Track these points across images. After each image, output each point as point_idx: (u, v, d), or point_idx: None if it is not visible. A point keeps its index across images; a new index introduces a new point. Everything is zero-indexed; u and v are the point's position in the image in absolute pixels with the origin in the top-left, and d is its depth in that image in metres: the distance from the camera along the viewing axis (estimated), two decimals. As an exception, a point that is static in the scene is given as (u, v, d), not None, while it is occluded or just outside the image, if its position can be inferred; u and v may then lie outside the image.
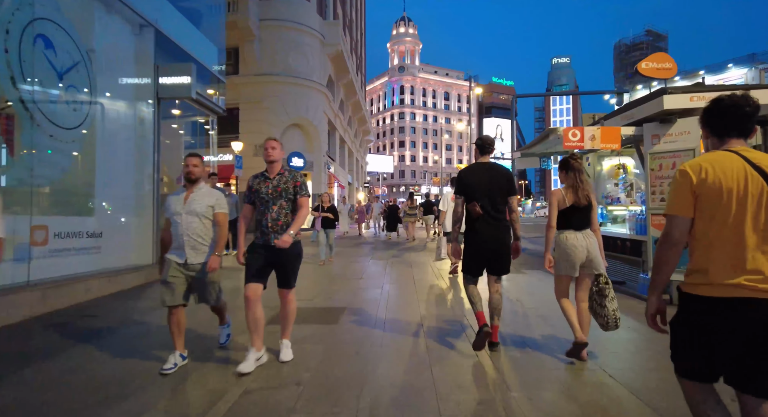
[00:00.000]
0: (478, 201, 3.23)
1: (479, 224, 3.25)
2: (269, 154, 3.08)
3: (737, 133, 1.56)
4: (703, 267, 1.50)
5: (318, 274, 7.19)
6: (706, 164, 1.50)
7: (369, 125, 38.81)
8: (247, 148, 18.63)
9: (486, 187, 3.26)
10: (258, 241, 3.07)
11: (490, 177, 3.29)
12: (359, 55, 35.56)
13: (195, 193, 3.11)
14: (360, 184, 39.05)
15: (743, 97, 1.53)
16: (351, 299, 5.36)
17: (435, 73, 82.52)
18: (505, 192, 3.28)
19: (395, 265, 8.22)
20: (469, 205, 3.30)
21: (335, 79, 24.38)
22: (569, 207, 3.10)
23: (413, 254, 10.13)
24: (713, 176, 1.46)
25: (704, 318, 1.49)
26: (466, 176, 3.36)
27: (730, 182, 1.45)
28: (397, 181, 75.30)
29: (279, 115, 18.89)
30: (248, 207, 3.17)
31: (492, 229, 3.23)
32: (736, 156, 1.49)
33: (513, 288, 6.04)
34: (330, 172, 22.94)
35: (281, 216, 3.03)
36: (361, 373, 2.98)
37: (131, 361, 3.16)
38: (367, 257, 9.68)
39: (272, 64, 18.91)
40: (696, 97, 4.80)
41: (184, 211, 3.03)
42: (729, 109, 1.55)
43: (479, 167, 3.39)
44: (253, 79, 18.75)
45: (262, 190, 3.05)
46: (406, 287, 6.19)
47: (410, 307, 4.94)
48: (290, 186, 3.06)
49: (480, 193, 3.25)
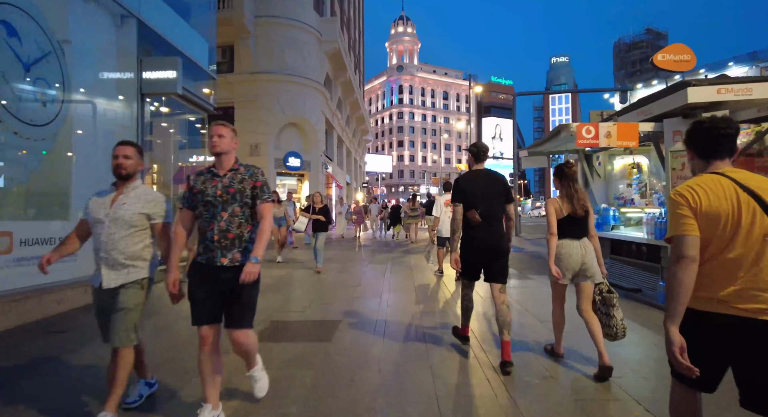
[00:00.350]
0: (477, 208, 3.23)
1: (476, 231, 3.26)
2: (215, 143, 2.31)
3: (722, 154, 1.63)
4: (698, 284, 1.53)
5: (311, 282, 6.76)
6: (699, 188, 1.55)
7: (367, 124, 38.36)
8: (243, 147, 18.20)
9: (483, 194, 3.28)
10: (200, 259, 2.29)
11: (488, 184, 3.32)
12: (357, 53, 35.13)
13: (126, 194, 2.40)
14: (359, 184, 38.62)
15: (725, 120, 1.62)
16: (347, 310, 4.92)
17: (434, 72, 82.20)
18: (502, 199, 3.31)
19: (395, 271, 7.79)
20: (468, 213, 3.27)
21: (333, 78, 23.94)
22: (566, 216, 3.07)
23: (414, 258, 9.72)
24: (707, 200, 1.52)
25: (698, 330, 1.55)
26: (465, 184, 3.36)
27: (724, 204, 1.50)
28: (396, 182, 74.89)
29: (275, 113, 18.44)
30: (187, 213, 2.36)
31: (489, 235, 3.25)
32: (725, 178, 1.55)
33: (521, 295, 5.61)
34: (328, 172, 22.51)
35: (233, 226, 2.27)
36: (356, 405, 2.55)
37: (91, 394, 2.71)
38: (364, 261, 9.25)
39: (268, 62, 18.46)
40: (724, 89, 4.38)
41: (108, 217, 2.32)
42: (711, 131, 1.62)
43: (476, 174, 3.42)
44: (248, 77, 18.31)
45: (208, 191, 2.28)
46: (407, 296, 5.76)
47: (412, 319, 4.51)
48: (247, 187, 2.32)
49: (478, 200, 3.26)
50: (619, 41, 57.73)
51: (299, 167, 19.40)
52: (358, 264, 8.87)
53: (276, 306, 5.12)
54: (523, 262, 9.01)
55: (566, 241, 3.07)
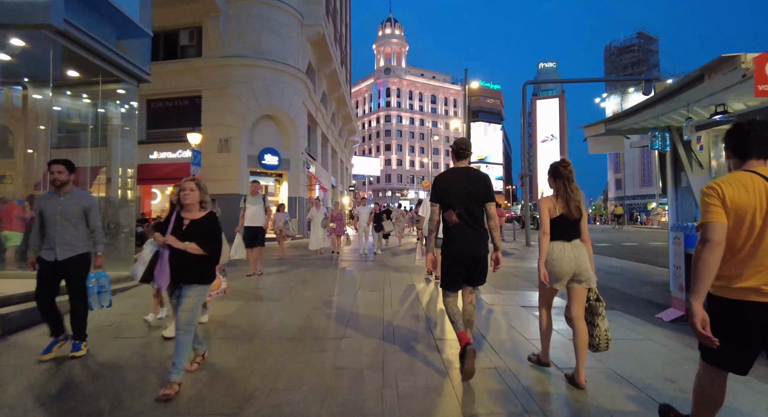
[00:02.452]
0: (455, 208, 3.08)
1: (456, 232, 3.10)
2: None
3: (757, 155, 1.80)
4: (731, 274, 1.74)
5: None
6: (727, 182, 1.74)
7: (355, 124, 36.12)
8: (210, 141, 15.78)
9: (463, 194, 3.10)
10: None
11: (467, 182, 3.12)
12: (344, 49, 32.93)
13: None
14: (345, 187, 36.29)
15: (763, 123, 1.80)
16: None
17: (422, 75, 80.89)
18: (483, 198, 3.11)
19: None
20: (445, 214, 3.12)
21: (317, 68, 21.68)
22: (558, 216, 2.91)
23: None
24: (732, 191, 1.71)
25: (730, 317, 1.74)
26: (442, 182, 3.18)
27: (753, 200, 1.69)
28: (384, 186, 72.77)
29: (248, 103, 16.06)
30: None
31: (469, 237, 3.07)
32: (757, 176, 1.73)
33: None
34: (310, 173, 20.13)
35: None
36: None
37: None
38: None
39: (241, 44, 16.12)
40: None
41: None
42: (749, 134, 1.80)
43: (455, 172, 3.21)
44: (217, 62, 15.92)
45: None
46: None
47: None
48: None
49: (456, 199, 3.09)
50: (610, 45, 56.92)
51: (277, 166, 17.01)
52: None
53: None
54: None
55: (557, 244, 2.91)
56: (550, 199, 2.96)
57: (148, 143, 16.86)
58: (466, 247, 3.04)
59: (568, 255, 2.84)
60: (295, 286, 6.51)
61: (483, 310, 4.97)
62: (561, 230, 2.91)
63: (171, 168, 15.99)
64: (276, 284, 6.64)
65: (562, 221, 2.90)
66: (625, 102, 55.83)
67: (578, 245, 2.91)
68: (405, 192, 71.00)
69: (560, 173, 2.96)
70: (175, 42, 17.01)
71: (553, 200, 2.94)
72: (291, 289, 6.28)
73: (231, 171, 15.74)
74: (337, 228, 11.45)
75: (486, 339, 3.88)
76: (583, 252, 2.89)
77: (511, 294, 5.96)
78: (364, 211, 11.64)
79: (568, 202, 2.88)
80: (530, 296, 5.80)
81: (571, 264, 2.83)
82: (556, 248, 2.88)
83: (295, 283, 6.77)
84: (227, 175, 15.68)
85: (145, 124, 17.00)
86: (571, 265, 2.83)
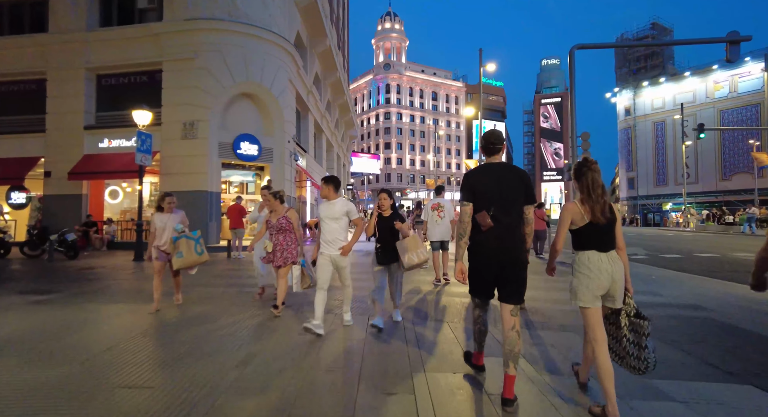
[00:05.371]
0: (489, 210, 2.64)
1: (486, 237, 2.63)
2: None
3: None
4: None
5: None
6: None
7: (353, 116, 32.98)
8: (172, 125, 12.60)
9: (497, 193, 2.65)
10: None
11: (504, 180, 2.67)
12: (341, 35, 29.81)
13: None
14: (343, 186, 33.16)
15: None
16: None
17: (422, 71, 77.98)
18: (521, 199, 2.67)
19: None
20: (477, 216, 2.66)
21: (308, 44, 18.54)
22: (588, 224, 2.54)
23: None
24: None
25: None
26: (475, 179, 2.72)
27: None
28: (384, 185, 69.67)
29: (220, 78, 12.90)
30: None
31: (503, 243, 2.61)
32: None
33: None
34: (299, 165, 16.97)
35: None
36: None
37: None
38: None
39: (212, 4, 12.97)
40: None
41: None
42: None
43: (489, 168, 2.76)
44: (181, 26, 12.77)
45: None
46: None
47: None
48: None
49: (492, 200, 2.65)
50: (621, 37, 53.97)
51: (256, 157, 13.85)
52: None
53: None
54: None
55: (593, 254, 2.52)
56: (576, 206, 2.60)
57: (97, 128, 13.67)
58: (499, 255, 2.60)
59: (606, 268, 2.48)
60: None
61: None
62: (592, 239, 2.55)
63: (126, 159, 12.79)
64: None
65: (591, 229, 2.54)
66: (638, 97, 52.94)
67: (615, 258, 2.52)
68: (407, 191, 67.94)
69: (584, 173, 2.60)
70: (132, 3, 13.85)
71: (578, 206, 2.58)
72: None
73: (198, 162, 12.57)
74: (274, 251, 5.07)
75: None
76: (619, 267, 2.51)
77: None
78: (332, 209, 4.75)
79: (593, 206, 2.53)
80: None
81: (608, 278, 2.48)
82: (593, 259, 2.51)
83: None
84: (193, 167, 12.53)
85: (94, 106, 13.82)
86: (608, 279, 2.48)
